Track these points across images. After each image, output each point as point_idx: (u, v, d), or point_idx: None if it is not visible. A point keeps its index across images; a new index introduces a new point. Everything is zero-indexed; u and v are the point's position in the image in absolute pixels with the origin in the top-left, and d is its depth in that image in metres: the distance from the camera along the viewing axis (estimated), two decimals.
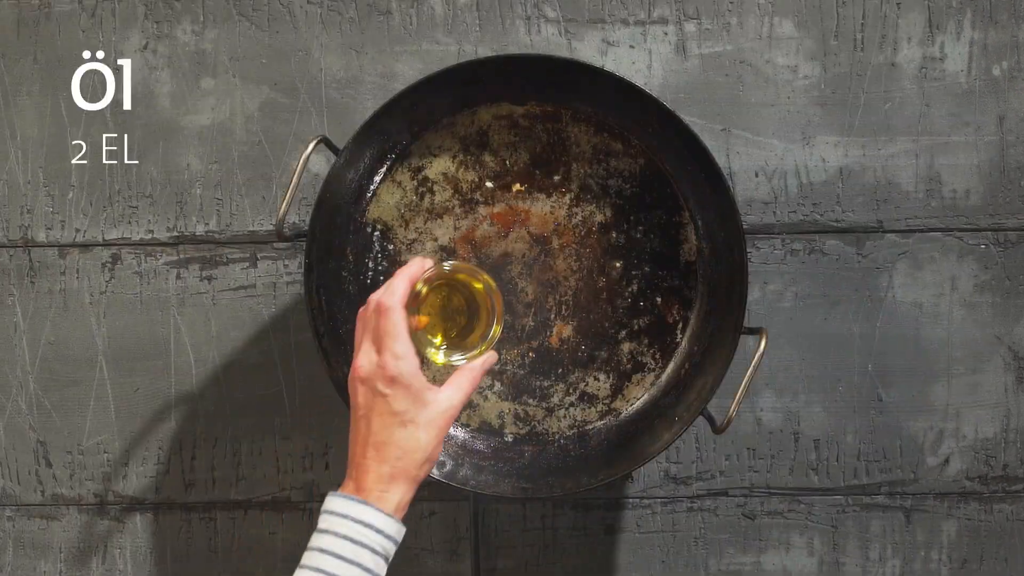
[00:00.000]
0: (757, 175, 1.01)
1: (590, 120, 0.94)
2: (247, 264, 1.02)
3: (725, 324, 0.91)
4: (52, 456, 1.03)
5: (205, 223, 1.02)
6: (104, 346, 1.03)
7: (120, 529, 1.03)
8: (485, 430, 0.96)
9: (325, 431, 1.02)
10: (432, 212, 0.94)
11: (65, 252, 1.02)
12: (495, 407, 0.96)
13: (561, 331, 0.95)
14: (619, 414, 0.95)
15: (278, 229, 0.84)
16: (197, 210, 1.02)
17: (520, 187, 0.94)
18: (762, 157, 1.01)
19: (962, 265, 1.01)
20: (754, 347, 0.85)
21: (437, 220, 0.94)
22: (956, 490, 1.02)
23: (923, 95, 1.01)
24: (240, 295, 1.02)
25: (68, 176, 1.02)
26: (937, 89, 1.01)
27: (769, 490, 1.03)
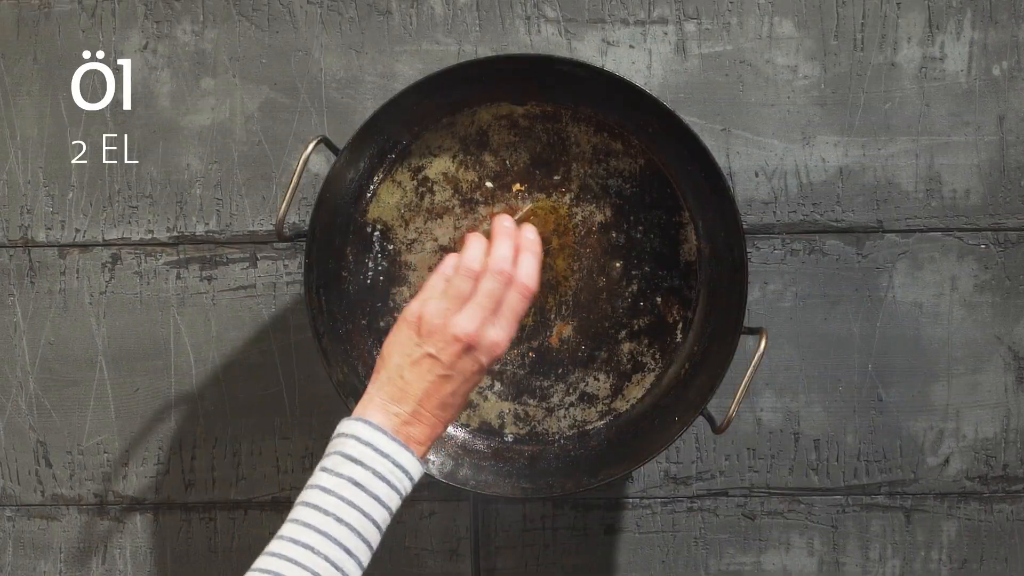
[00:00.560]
0: (757, 175, 1.01)
1: (590, 120, 0.94)
2: (247, 264, 1.02)
3: (725, 324, 0.91)
4: (52, 456, 1.03)
5: (205, 223, 1.02)
6: (104, 346, 1.03)
7: (120, 529, 1.03)
8: (485, 430, 0.96)
9: (325, 431, 1.02)
10: (432, 212, 0.94)
11: (65, 252, 1.02)
12: (495, 407, 0.96)
13: (561, 331, 0.95)
14: (619, 414, 0.95)
15: (278, 229, 0.84)
16: (197, 210, 1.02)
17: (520, 187, 0.95)
18: (762, 157, 1.01)
19: (962, 265, 1.02)
20: (754, 347, 0.85)
21: (437, 220, 0.94)
22: (956, 490, 1.02)
23: (923, 95, 1.01)
24: (240, 295, 1.02)
25: (68, 176, 1.02)
26: (937, 89, 1.01)
27: (769, 490, 1.03)
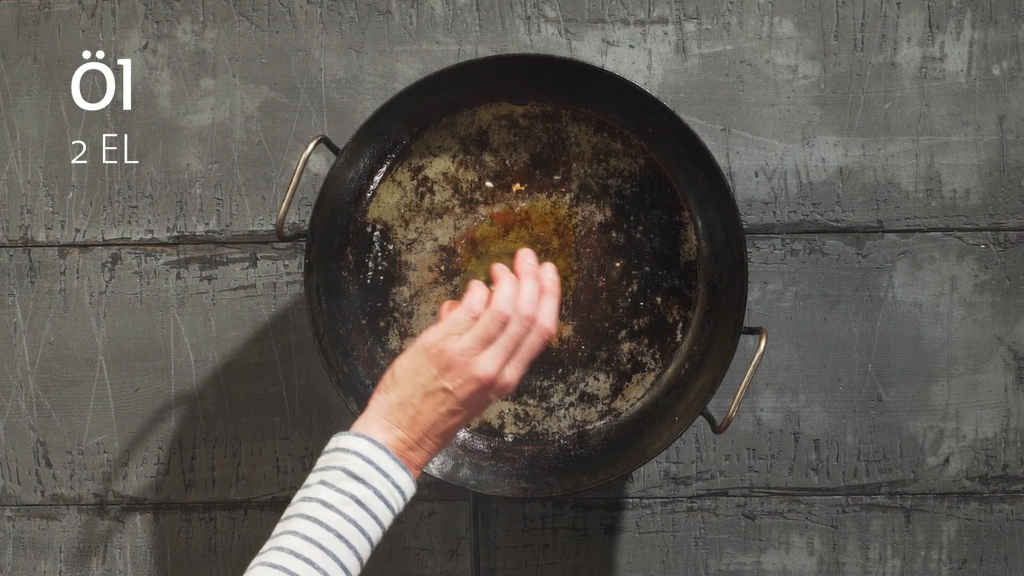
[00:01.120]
0: (757, 175, 1.01)
1: (590, 120, 0.94)
2: (247, 264, 1.02)
3: (725, 324, 0.91)
4: (52, 456, 1.03)
5: (205, 223, 1.02)
6: (104, 346, 1.03)
7: (120, 529, 1.03)
8: (485, 430, 0.96)
9: (325, 431, 1.02)
10: (432, 212, 0.94)
11: (65, 252, 1.02)
12: (495, 407, 0.96)
13: (561, 331, 0.95)
14: (619, 414, 0.95)
15: (278, 229, 0.84)
16: (197, 210, 1.02)
17: (520, 187, 0.95)
18: (762, 157, 1.01)
19: (962, 265, 1.02)
20: (754, 347, 0.85)
21: (437, 220, 0.94)
22: (956, 490, 1.02)
23: (923, 95, 1.01)
24: (240, 295, 1.02)
25: (68, 176, 1.02)
26: (937, 89, 1.01)
27: (769, 490, 1.03)
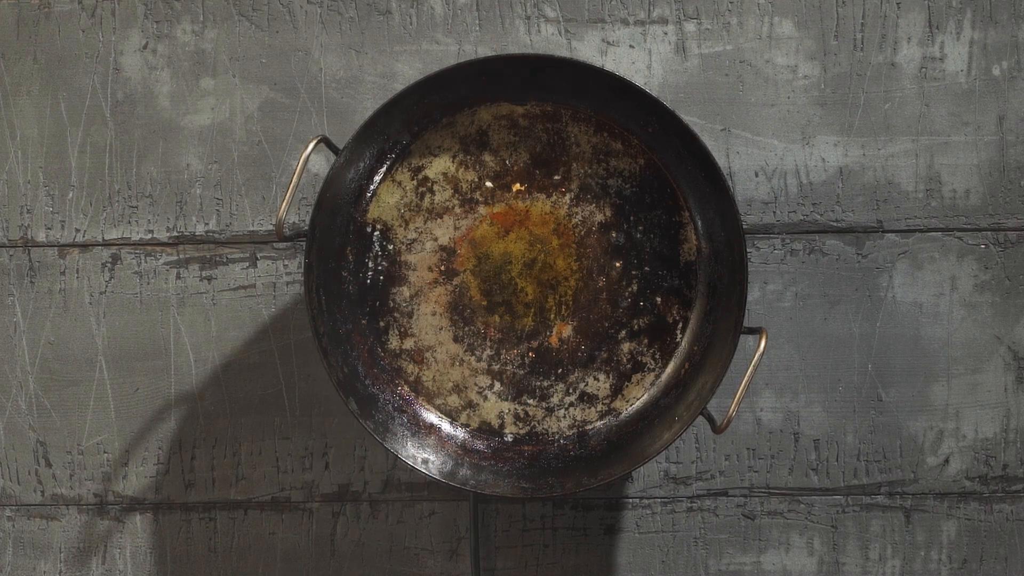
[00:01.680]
0: (757, 175, 1.01)
1: (590, 120, 0.94)
2: (247, 264, 1.02)
3: (725, 324, 0.91)
4: (52, 456, 1.03)
5: (205, 223, 1.02)
6: (104, 346, 1.03)
7: (120, 529, 1.03)
8: (485, 430, 0.96)
9: (325, 431, 1.02)
10: (432, 212, 0.94)
11: (65, 252, 1.02)
12: (495, 407, 0.96)
13: (561, 331, 0.95)
14: (619, 414, 0.95)
15: (278, 229, 0.84)
16: (197, 210, 1.02)
17: (520, 187, 0.95)
18: (762, 157, 1.01)
19: (962, 265, 1.02)
20: (754, 347, 0.85)
21: (437, 220, 0.94)
22: (956, 490, 1.02)
23: (923, 95, 1.01)
24: (240, 295, 1.02)
25: (68, 176, 1.02)
26: (937, 89, 1.01)
27: (769, 490, 1.03)
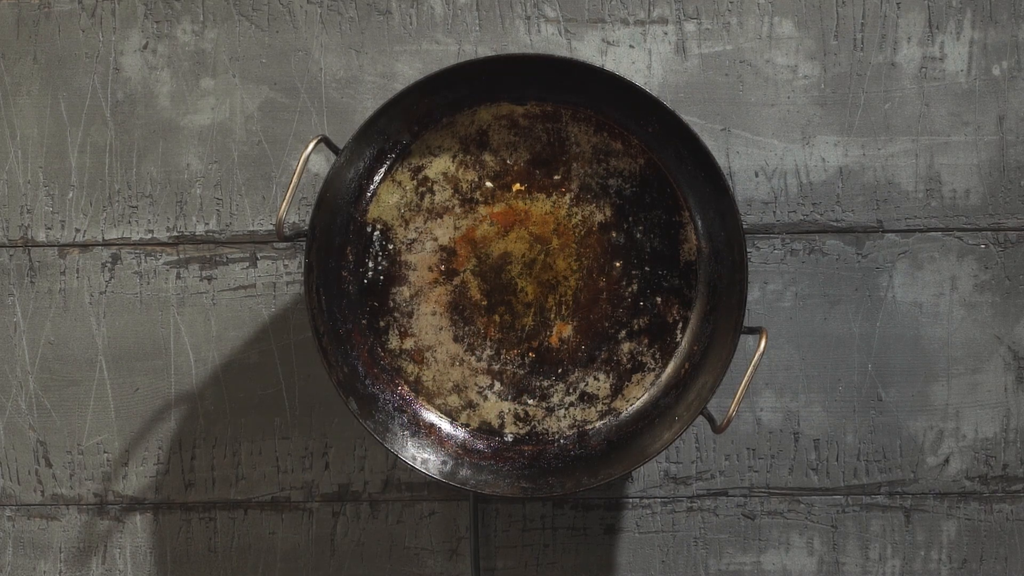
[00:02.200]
0: (757, 175, 1.01)
1: (590, 120, 0.94)
2: (247, 264, 1.02)
3: (725, 324, 0.91)
4: (52, 456, 1.03)
5: (205, 223, 1.02)
6: (104, 346, 1.03)
7: (120, 529, 1.03)
8: (485, 430, 0.96)
9: (325, 431, 1.02)
10: (432, 212, 0.94)
11: (65, 252, 1.02)
12: (495, 407, 0.96)
13: (561, 331, 0.95)
14: (619, 414, 0.95)
15: (278, 229, 0.84)
16: (197, 210, 1.02)
17: (520, 187, 0.95)
18: (762, 157, 1.01)
19: (962, 265, 1.02)
20: (754, 347, 0.85)
21: (437, 220, 0.94)
22: (956, 490, 1.02)
23: (923, 95, 1.01)
24: (240, 295, 1.02)
25: (68, 176, 1.02)
26: (937, 89, 1.01)
27: (769, 490, 1.03)
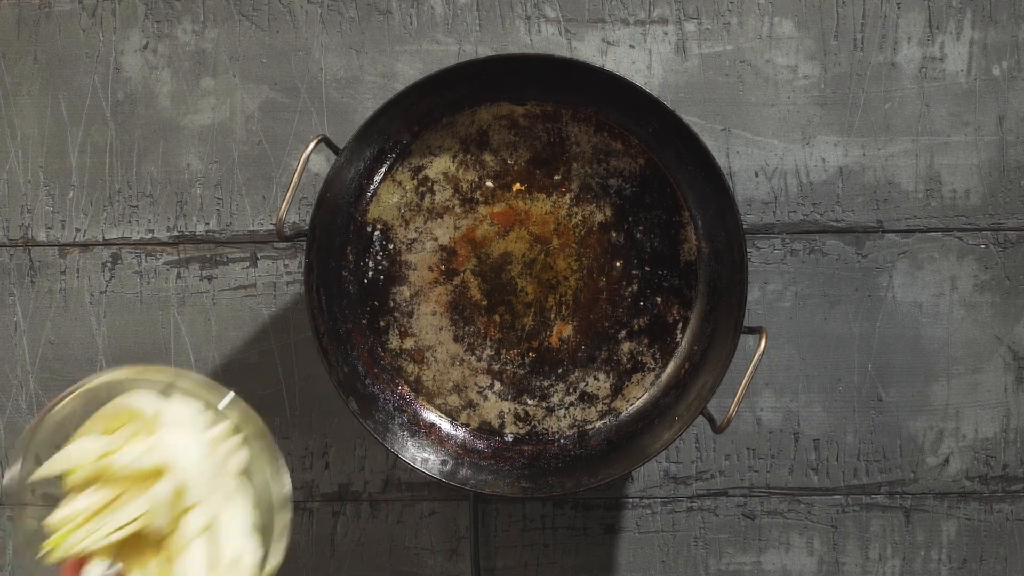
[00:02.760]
0: (757, 175, 1.02)
1: (590, 120, 0.94)
2: (247, 264, 1.02)
3: (725, 324, 0.91)
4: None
5: (205, 223, 1.02)
6: (104, 346, 1.03)
7: None
8: (485, 430, 0.96)
9: (325, 431, 1.02)
10: (432, 212, 0.94)
11: (65, 252, 1.02)
12: (495, 407, 0.96)
13: (561, 331, 0.95)
14: (619, 414, 0.95)
15: (278, 229, 0.84)
16: (197, 210, 1.02)
17: (520, 187, 0.95)
18: (762, 157, 1.01)
19: (962, 265, 1.02)
20: (754, 347, 0.85)
21: (437, 220, 0.95)
22: (956, 490, 1.02)
23: (923, 95, 1.01)
24: (240, 295, 1.02)
25: (68, 176, 1.02)
26: (937, 89, 1.01)
27: (769, 490, 1.03)
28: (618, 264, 0.95)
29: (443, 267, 0.95)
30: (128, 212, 1.02)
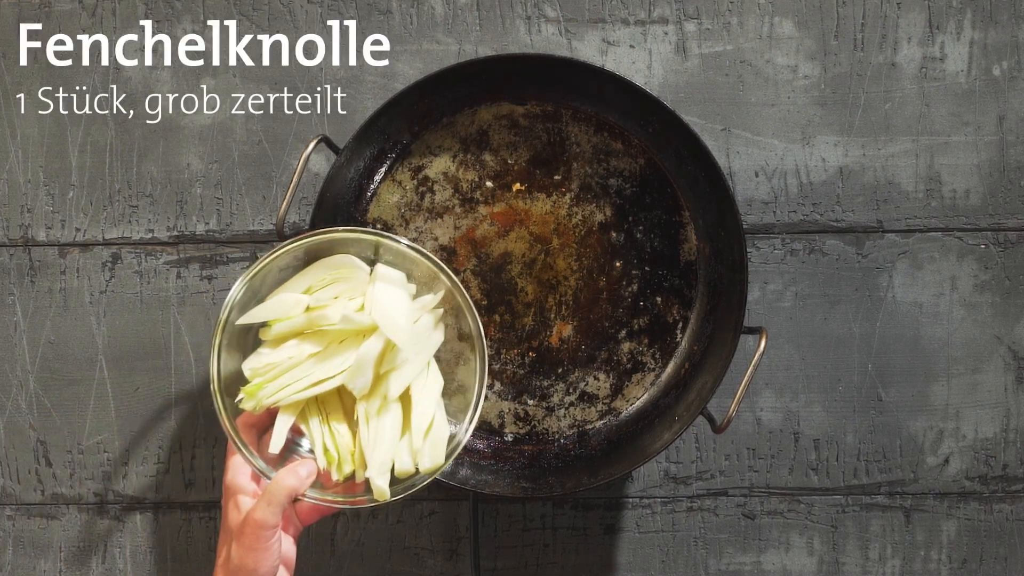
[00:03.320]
0: (757, 175, 1.01)
1: (590, 120, 0.94)
2: (247, 264, 1.02)
3: (725, 324, 0.91)
4: (52, 455, 1.03)
5: (205, 223, 1.02)
6: (104, 345, 1.03)
7: (120, 528, 1.03)
8: (485, 430, 0.96)
9: None
10: (432, 212, 0.94)
11: (65, 251, 1.02)
12: (495, 407, 0.96)
13: (561, 331, 0.95)
14: (619, 414, 0.95)
15: (278, 228, 0.84)
16: (197, 210, 1.02)
17: (520, 187, 0.95)
18: (762, 157, 1.01)
19: (962, 265, 1.02)
20: (754, 347, 0.85)
21: (437, 220, 0.94)
22: (956, 490, 1.02)
23: (923, 95, 1.01)
24: None
25: (68, 175, 1.02)
26: (937, 89, 1.01)
27: (769, 490, 1.03)
28: (618, 264, 0.95)
29: None
30: (128, 212, 1.02)
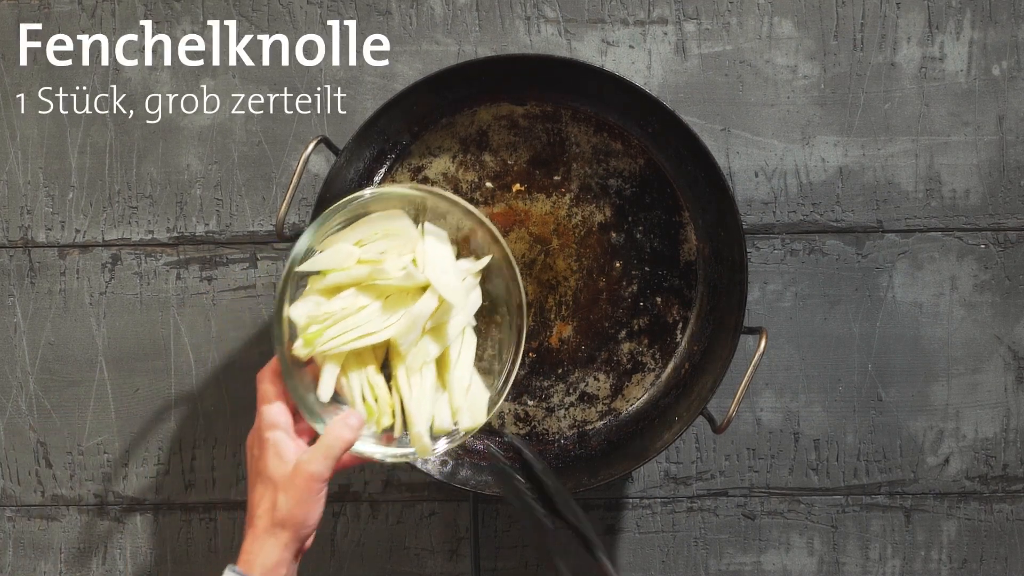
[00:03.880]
0: (757, 175, 1.01)
1: (590, 120, 0.94)
2: (247, 264, 1.02)
3: (725, 324, 0.91)
4: (52, 456, 1.03)
5: (205, 223, 1.02)
6: (104, 346, 1.03)
7: (120, 529, 1.03)
8: (485, 430, 0.96)
9: None
10: (432, 212, 0.94)
11: (65, 252, 1.02)
12: None
13: (561, 331, 0.95)
14: (619, 414, 0.95)
15: (278, 229, 0.84)
16: (197, 210, 1.02)
17: (520, 187, 0.95)
18: (762, 157, 1.01)
19: (962, 265, 1.02)
20: (754, 347, 0.85)
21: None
22: (956, 490, 1.02)
23: (923, 95, 1.01)
24: (240, 295, 1.02)
25: (68, 176, 1.02)
26: (937, 89, 1.01)
27: (769, 490, 1.03)
28: (618, 264, 0.95)
29: None
30: (128, 213, 1.02)
